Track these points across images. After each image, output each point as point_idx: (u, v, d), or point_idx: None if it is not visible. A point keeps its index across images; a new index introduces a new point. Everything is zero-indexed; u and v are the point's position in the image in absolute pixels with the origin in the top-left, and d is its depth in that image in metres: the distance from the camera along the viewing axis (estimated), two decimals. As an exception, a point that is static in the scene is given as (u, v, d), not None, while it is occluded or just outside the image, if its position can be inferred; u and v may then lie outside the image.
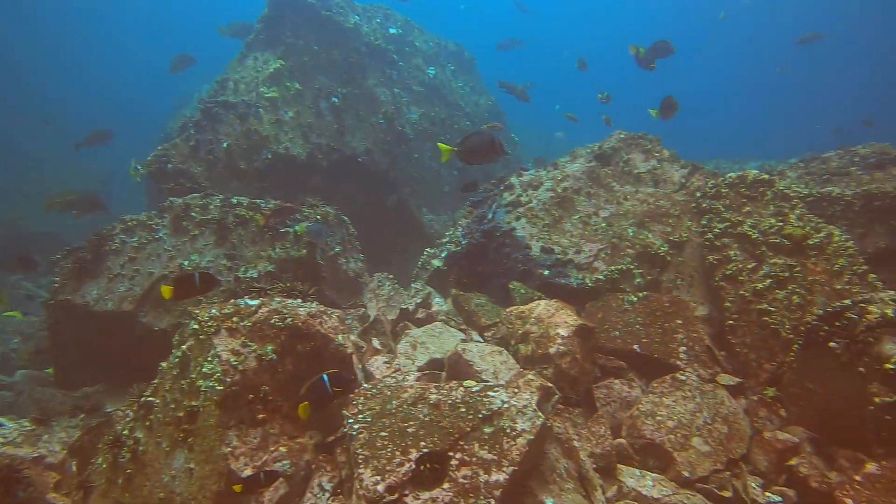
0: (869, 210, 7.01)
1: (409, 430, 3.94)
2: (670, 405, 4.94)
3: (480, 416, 4.02)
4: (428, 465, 3.60)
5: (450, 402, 4.18)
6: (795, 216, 6.47)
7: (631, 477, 4.48)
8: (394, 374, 4.87)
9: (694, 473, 4.56)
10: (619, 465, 4.63)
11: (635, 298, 5.92)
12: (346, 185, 9.89)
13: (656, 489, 4.34)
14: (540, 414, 4.03)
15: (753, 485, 4.60)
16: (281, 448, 4.11)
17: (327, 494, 3.97)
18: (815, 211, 7.28)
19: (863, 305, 4.81)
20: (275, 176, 9.16)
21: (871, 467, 4.23)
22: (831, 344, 4.80)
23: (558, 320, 5.11)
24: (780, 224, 6.31)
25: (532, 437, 3.87)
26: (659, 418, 4.83)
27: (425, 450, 3.71)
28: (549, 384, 4.47)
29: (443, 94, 12.47)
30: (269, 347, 4.26)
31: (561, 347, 4.94)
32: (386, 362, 5.28)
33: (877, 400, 4.50)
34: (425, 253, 8.17)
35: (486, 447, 3.81)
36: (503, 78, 11.77)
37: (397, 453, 3.69)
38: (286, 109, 9.25)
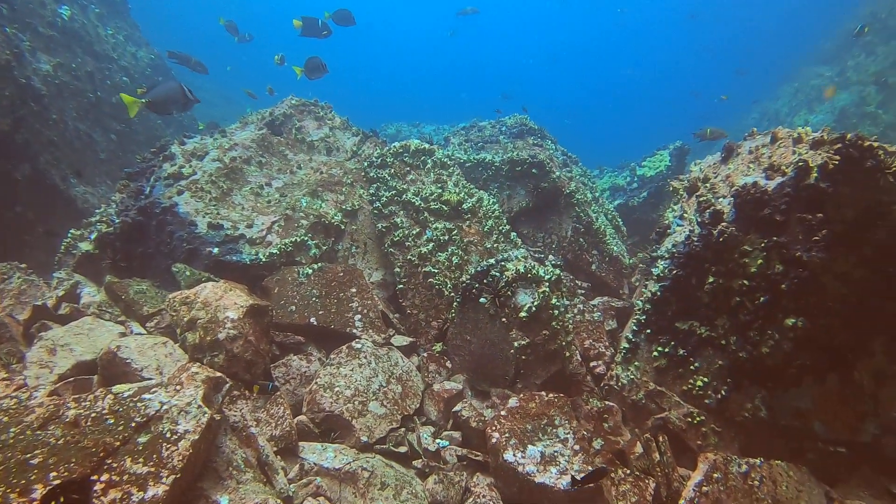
0: (513, 174, 8.12)
1: (35, 461, 3.23)
2: (347, 374, 5.05)
3: (133, 424, 3.51)
4: (62, 500, 3.00)
5: (94, 415, 3.56)
6: (452, 183, 7.16)
7: (312, 452, 4.47)
8: (15, 394, 3.92)
9: (372, 437, 4.76)
10: (301, 443, 4.58)
11: (310, 270, 5.86)
12: (-56, 152, 7.62)
13: (337, 459, 4.40)
14: (206, 410, 3.70)
15: (425, 435, 5.03)
16: None
17: None
18: (473, 175, 8.19)
19: (503, 263, 5.59)
20: None
21: (512, 401, 4.98)
22: (482, 299, 5.48)
23: (227, 303, 4.75)
24: (440, 191, 6.90)
25: (197, 437, 3.54)
26: (337, 389, 4.90)
27: (56, 482, 3.08)
28: (218, 374, 4.13)
29: (86, 42, 10.44)
30: None
31: (231, 331, 4.61)
32: (3, 379, 4.23)
33: (515, 344, 5.32)
34: (69, 235, 6.80)
35: (142, 460, 3.35)
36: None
37: (13, 496, 2.97)
38: None
